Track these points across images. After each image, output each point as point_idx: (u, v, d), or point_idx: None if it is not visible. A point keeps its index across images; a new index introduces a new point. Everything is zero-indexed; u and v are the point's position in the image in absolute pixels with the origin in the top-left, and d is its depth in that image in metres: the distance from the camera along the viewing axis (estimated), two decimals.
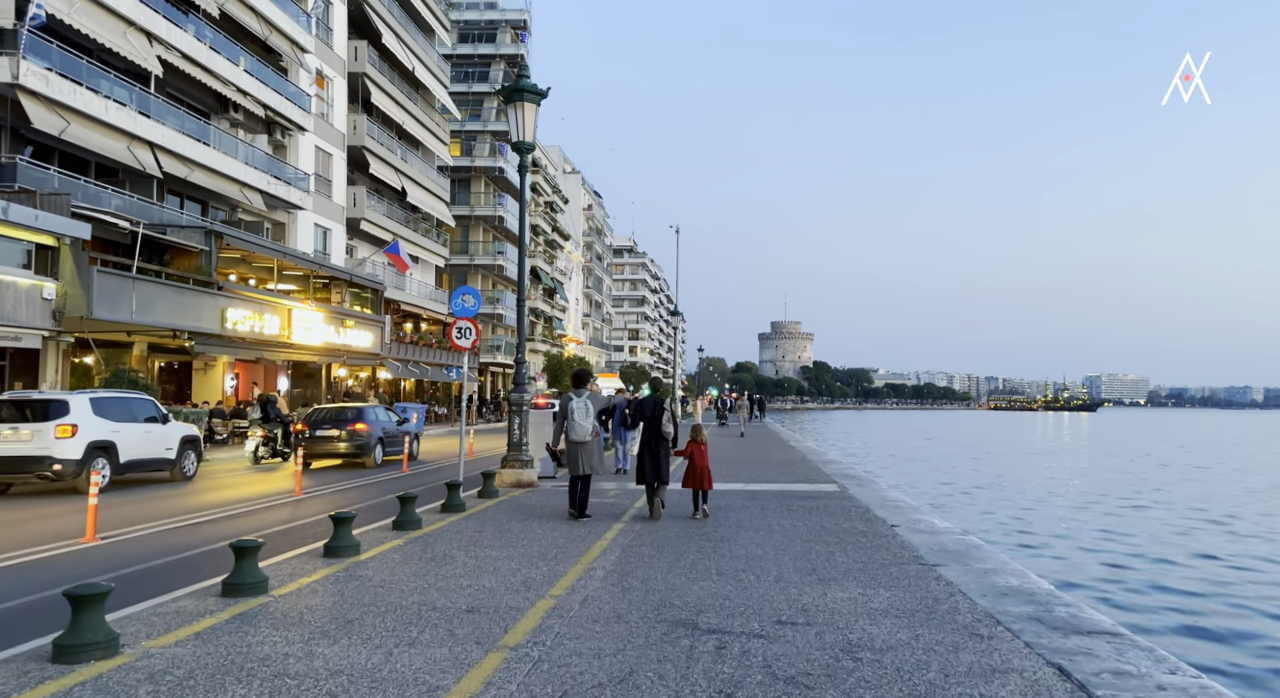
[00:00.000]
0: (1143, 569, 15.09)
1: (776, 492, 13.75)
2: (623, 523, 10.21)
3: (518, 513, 11.19)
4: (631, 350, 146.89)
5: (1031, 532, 18.84)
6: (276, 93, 30.95)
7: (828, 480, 15.59)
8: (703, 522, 10.38)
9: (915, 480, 28.81)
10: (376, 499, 14.11)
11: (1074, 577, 14.02)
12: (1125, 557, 16.16)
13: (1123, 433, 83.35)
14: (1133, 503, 24.39)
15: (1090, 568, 15.10)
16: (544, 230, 76.44)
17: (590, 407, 10.61)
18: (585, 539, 9.08)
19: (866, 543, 8.90)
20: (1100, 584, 13.75)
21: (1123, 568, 15.14)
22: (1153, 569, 15.09)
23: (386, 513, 11.39)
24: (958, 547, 8.80)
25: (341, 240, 37.77)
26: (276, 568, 7.51)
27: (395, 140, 42.77)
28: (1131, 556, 16.30)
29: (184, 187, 27.60)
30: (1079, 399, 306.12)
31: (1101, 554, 16.43)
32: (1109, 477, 33.82)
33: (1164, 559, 15.97)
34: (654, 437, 10.61)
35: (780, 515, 10.93)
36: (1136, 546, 17.40)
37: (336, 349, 30.33)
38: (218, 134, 28.53)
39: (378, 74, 39.56)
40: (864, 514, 11.15)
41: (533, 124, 14.56)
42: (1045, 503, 24.13)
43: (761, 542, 8.91)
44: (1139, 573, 14.73)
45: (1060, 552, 16.58)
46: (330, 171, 36.87)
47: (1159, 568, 15.22)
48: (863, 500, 12.59)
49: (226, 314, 23.60)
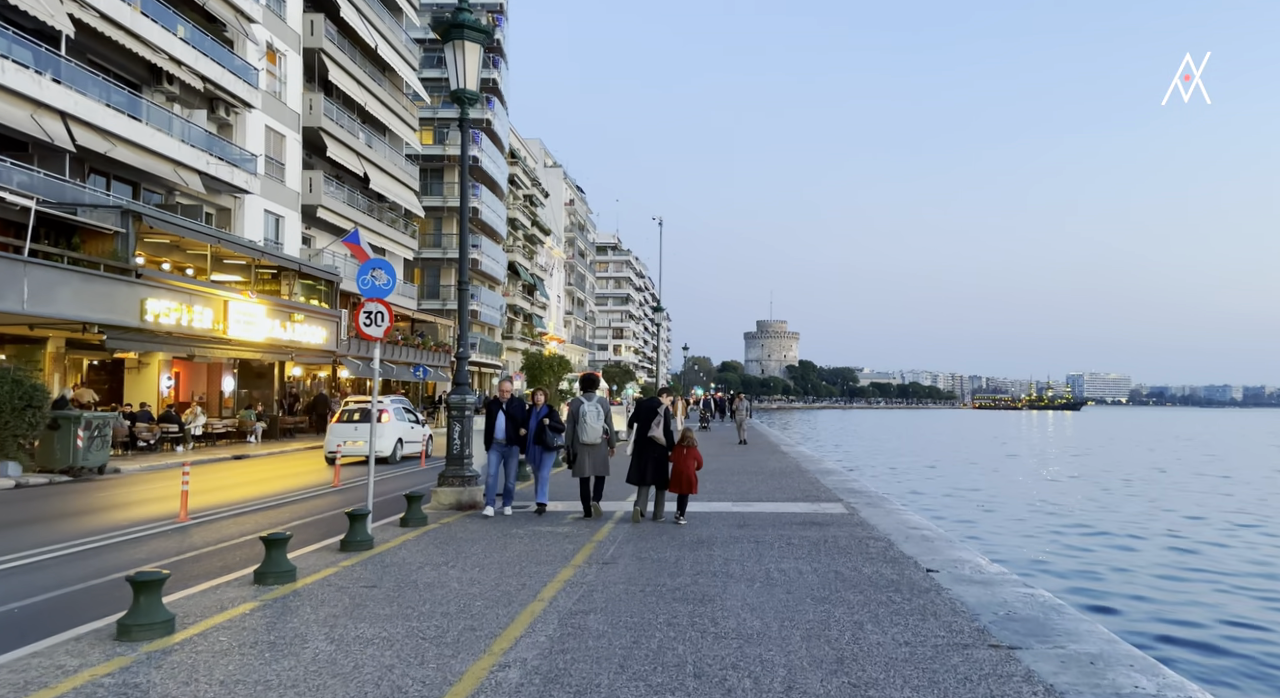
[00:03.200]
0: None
1: (772, 515, 11.27)
2: (571, 570, 7.69)
3: (442, 550, 8.65)
4: (615, 350, 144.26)
5: (1098, 569, 14.78)
6: (218, 65, 28.17)
7: (831, 498, 13.12)
8: (678, 556, 7.89)
9: (924, 492, 26.20)
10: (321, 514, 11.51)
11: (1219, 666, 9.69)
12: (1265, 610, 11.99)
13: (1120, 432, 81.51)
14: (1215, 522, 20.42)
15: (1212, 628, 11.15)
16: (523, 224, 73.74)
17: (600, 410, 10.87)
18: (514, 599, 6.55)
19: (904, 604, 6.42)
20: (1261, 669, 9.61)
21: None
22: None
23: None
24: (1030, 610, 6.34)
25: (296, 229, 34.99)
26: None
27: (358, 123, 40.01)
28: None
29: (110, 165, 24.82)
30: (1063, 398, 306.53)
31: (1217, 607, 12.15)
32: (1159, 489, 28.90)
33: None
34: (648, 440, 10.52)
35: (780, 554, 8.45)
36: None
37: (283, 346, 27.61)
38: (151, 109, 25.74)
39: (336, 50, 36.79)
40: (886, 551, 8.68)
41: (475, 69, 12.04)
42: (1099, 525, 19.56)
43: (759, 603, 6.42)
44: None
45: (1164, 607, 12.18)
46: (283, 154, 34.08)
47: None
48: (880, 529, 10.12)
49: (146, 305, 20.86)
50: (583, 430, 10.70)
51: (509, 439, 11.01)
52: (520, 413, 11.04)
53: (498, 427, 11.02)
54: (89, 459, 17.34)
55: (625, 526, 10.29)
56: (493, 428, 11.05)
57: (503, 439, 11.02)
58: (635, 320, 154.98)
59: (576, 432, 10.77)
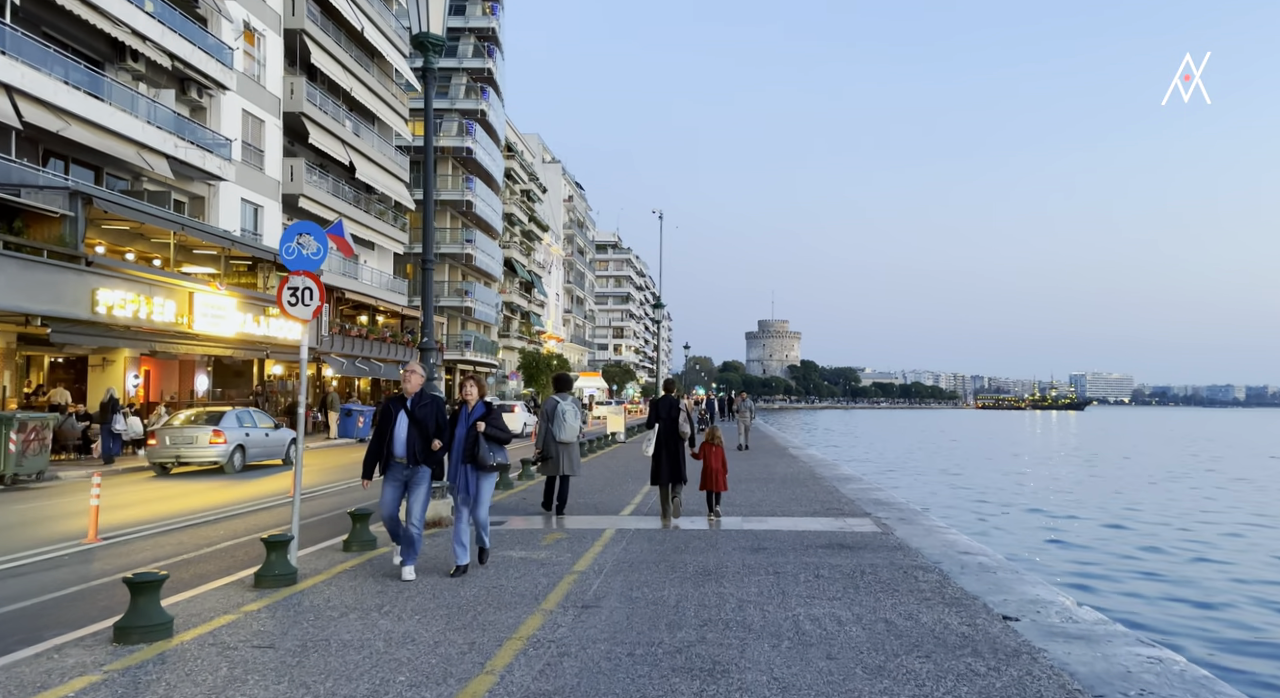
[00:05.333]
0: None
1: (791, 534, 9.48)
2: (540, 617, 5.89)
3: (382, 587, 6.85)
4: (616, 349, 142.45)
5: (1215, 602, 11.85)
6: (189, 42, 26.39)
7: (856, 512, 11.33)
8: (679, 595, 6.11)
9: (949, 500, 23.72)
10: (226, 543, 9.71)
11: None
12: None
13: (1138, 432, 79.58)
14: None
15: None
16: (520, 220, 71.97)
17: (577, 409, 10.67)
18: (451, 672, 4.75)
19: (991, 678, 4.62)
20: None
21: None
22: None
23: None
24: (1168, 688, 4.55)
25: (277, 219, 33.19)
26: None
27: (344, 110, 38.21)
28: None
29: (68, 148, 23.05)
30: (1066, 398, 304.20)
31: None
32: (1234, 495, 25.75)
33: None
34: (671, 437, 10.36)
35: (809, 591, 6.65)
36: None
37: (256, 342, 25.81)
38: (114, 87, 23.97)
39: (319, 32, 34.99)
40: (941, 587, 6.89)
41: (440, 11, 10.27)
42: (1190, 552, 15.97)
43: (792, 678, 4.62)
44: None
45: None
46: (262, 140, 32.29)
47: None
48: (925, 554, 8.33)
49: (98, 296, 19.07)
50: (560, 429, 10.47)
51: (412, 456, 7.00)
52: (433, 415, 7.10)
53: (395, 438, 7.02)
54: (24, 465, 15.57)
55: (616, 548, 8.52)
56: (383, 439, 7.07)
57: (402, 456, 7.00)
58: (636, 320, 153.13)
59: (552, 430, 10.50)
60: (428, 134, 10.60)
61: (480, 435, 7.26)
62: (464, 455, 7.27)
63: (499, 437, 7.40)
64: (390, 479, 7.10)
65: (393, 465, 7.09)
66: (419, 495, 7.09)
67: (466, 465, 7.31)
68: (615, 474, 16.44)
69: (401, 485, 7.11)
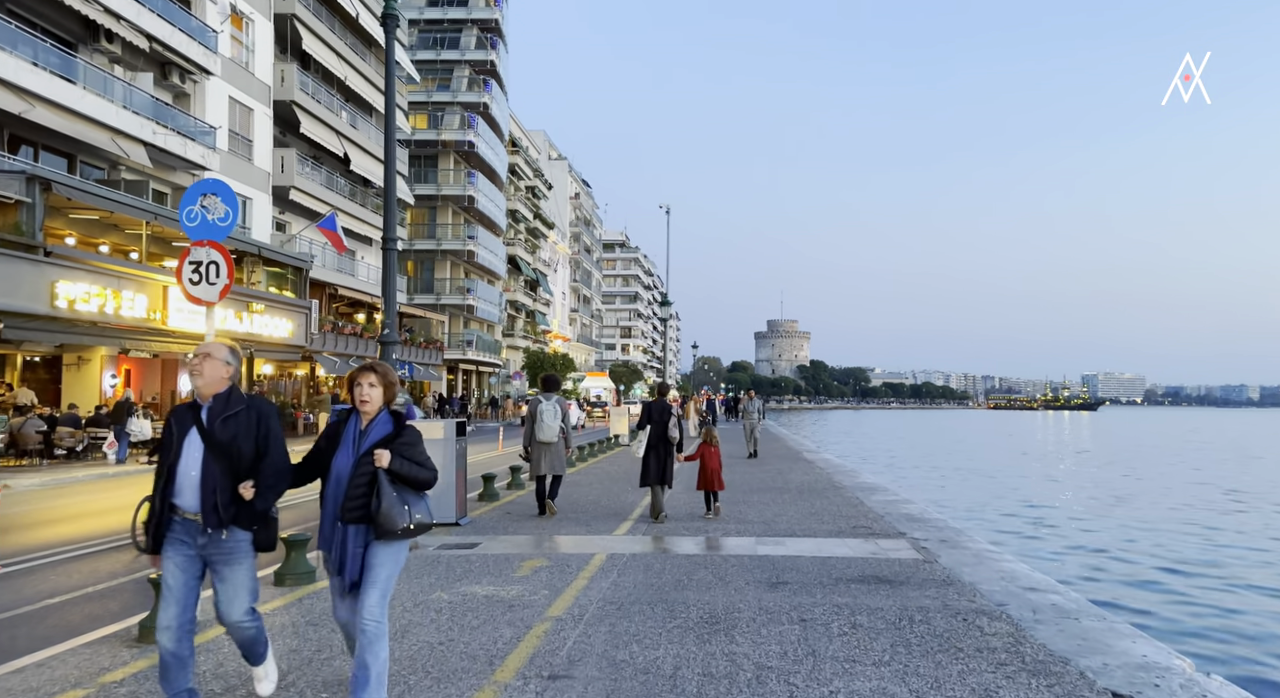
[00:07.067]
0: None
1: (816, 561, 7.95)
2: (488, 695, 4.39)
3: (301, 640, 5.36)
4: (624, 349, 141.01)
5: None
6: (169, 24, 25.03)
7: (889, 531, 9.79)
8: (677, 658, 4.61)
9: (979, 509, 21.66)
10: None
11: None
12: None
13: (1161, 433, 77.53)
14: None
15: None
16: (525, 217, 70.57)
17: (559, 410, 10.71)
18: None
19: None
20: None
21: None
22: None
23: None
24: None
25: (267, 212, 31.83)
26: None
27: (338, 100, 36.87)
28: None
29: (37, 133, 21.72)
30: (1079, 398, 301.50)
31: None
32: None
33: None
34: (661, 440, 10.52)
35: (848, 652, 5.12)
36: None
37: (237, 339, 24.40)
38: (87, 70, 22.64)
39: (312, 18, 33.62)
40: (1016, 644, 5.35)
41: None
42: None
43: None
44: None
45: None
46: (251, 130, 30.92)
47: None
48: (984, 591, 6.79)
49: (57, 289, 17.70)
50: (540, 429, 10.61)
51: (210, 512, 3.85)
52: (252, 435, 3.97)
53: (177, 476, 3.89)
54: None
55: (604, 582, 7.02)
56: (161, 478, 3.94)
57: (192, 511, 3.86)
58: (644, 319, 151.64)
59: (534, 431, 10.65)
60: (389, 85, 9.19)
61: (381, 475, 3.90)
62: (345, 509, 3.92)
63: (414, 477, 3.99)
64: (173, 553, 3.86)
65: (174, 528, 3.88)
66: (234, 583, 3.93)
67: (349, 528, 3.94)
68: (614, 482, 14.95)
69: (197, 567, 3.90)
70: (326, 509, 4.04)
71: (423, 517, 4.01)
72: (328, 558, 4.05)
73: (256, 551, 4.02)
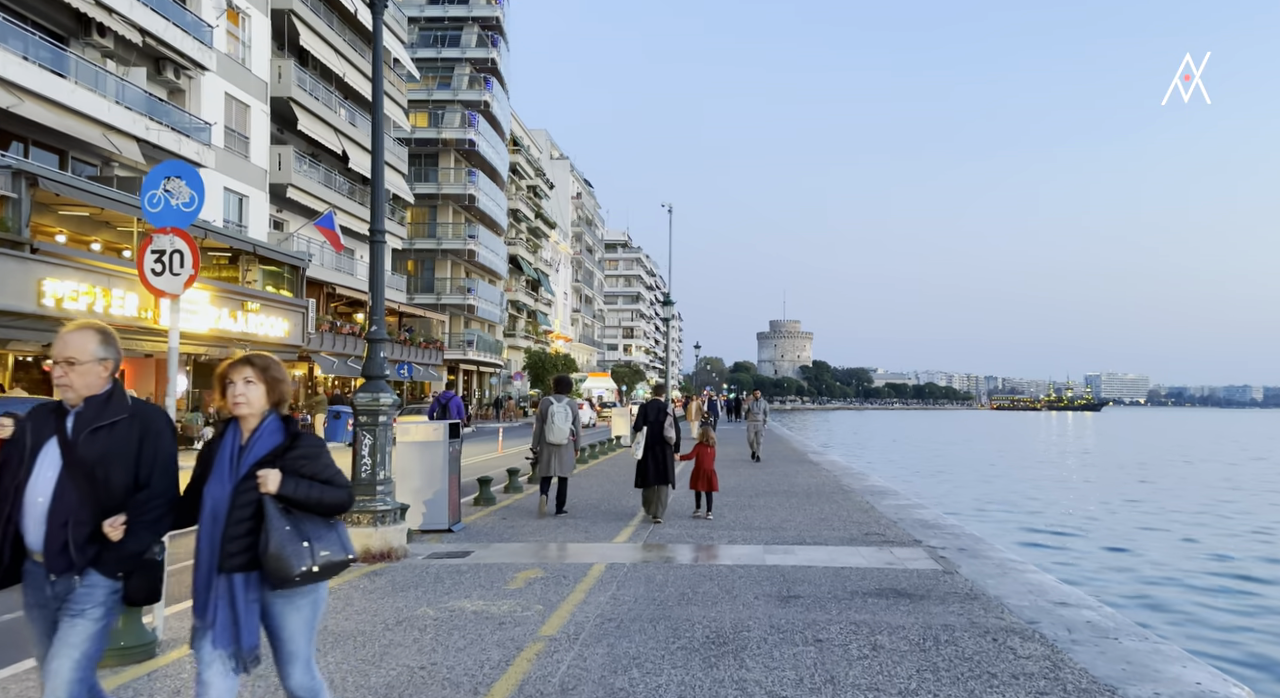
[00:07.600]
0: None
1: (829, 572, 7.46)
2: None
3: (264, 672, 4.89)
4: (626, 349, 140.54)
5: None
6: (163, 18, 24.59)
7: (904, 538, 9.30)
8: (681, 685, 4.14)
9: (1005, 518, 20.38)
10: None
11: None
12: None
13: (1168, 433, 76.89)
14: None
15: None
16: (526, 216, 70.12)
17: (569, 411, 10.77)
18: None
19: None
20: None
21: None
22: None
23: None
24: None
25: (264, 210, 31.38)
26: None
27: (337, 97, 36.43)
28: None
29: (27, 128, 21.27)
30: (1083, 399, 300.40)
31: None
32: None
33: None
34: (658, 441, 10.49)
35: (871, 681, 4.63)
36: None
37: (231, 338, 23.95)
38: (79, 65, 22.20)
39: (309, 12, 33.17)
40: (1054, 668, 4.87)
41: None
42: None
43: None
44: None
45: None
46: (248, 126, 30.48)
47: None
48: (1013, 607, 6.30)
49: (44, 286, 17.27)
50: (550, 430, 10.61)
51: (59, 556, 2.89)
52: (126, 450, 2.97)
53: (24, 507, 2.91)
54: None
55: (602, 596, 6.54)
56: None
57: (40, 552, 2.92)
58: (646, 320, 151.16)
59: (544, 431, 10.65)
60: (376, 69, 8.73)
61: (268, 504, 2.92)
62: (224, 554, 2.92)
63: (318, 501, 3.00)
64: (31, 604, 3.01)
65: (29, 572, 2.97)
66: (73, 645, 2.88)
67: (235, 578, 2.94)
68: (616, 485, 14.47)
69: (51, 620, 2.97)
70: (201, 555, 2.95)
71: (332, 553, 2.96)
72: (202, 622, 2.94)
73: (128, 604, 3.03)
